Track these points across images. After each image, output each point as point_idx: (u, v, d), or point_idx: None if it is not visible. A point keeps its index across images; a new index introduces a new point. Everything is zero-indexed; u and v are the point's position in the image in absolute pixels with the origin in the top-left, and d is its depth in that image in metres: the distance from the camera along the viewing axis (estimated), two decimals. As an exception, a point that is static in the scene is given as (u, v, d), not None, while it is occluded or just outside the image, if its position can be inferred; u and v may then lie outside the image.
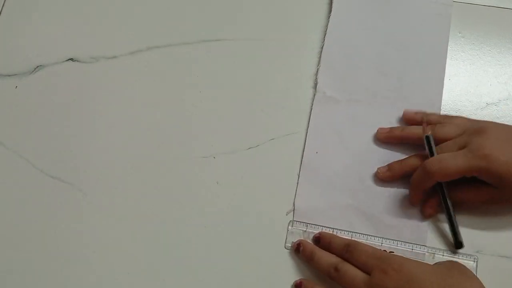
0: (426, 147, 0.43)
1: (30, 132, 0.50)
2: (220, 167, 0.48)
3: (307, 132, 0.48)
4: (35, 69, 0.53)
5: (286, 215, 0.46)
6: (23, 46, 0.54)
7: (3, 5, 0.56)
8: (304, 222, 0.45)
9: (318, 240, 0.45)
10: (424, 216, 0.44)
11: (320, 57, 0.51)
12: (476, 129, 0.42)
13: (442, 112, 0.48)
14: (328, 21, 0.52)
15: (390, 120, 0.48)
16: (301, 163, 0.47)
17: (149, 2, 0.55)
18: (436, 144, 0.43)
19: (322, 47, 0.51)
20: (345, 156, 0.47)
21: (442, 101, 0.48)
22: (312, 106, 0.49)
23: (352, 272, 0.41)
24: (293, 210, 0.46)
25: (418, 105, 0.48)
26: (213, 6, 0.54)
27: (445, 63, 0.49)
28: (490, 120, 0.47)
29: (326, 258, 0.43)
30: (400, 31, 0.51)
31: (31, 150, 0.50)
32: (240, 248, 0.45)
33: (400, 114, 0.48)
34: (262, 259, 0.45)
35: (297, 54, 0.52)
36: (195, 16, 0.54)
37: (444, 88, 0.49)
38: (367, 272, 0.40)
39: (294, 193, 0.46)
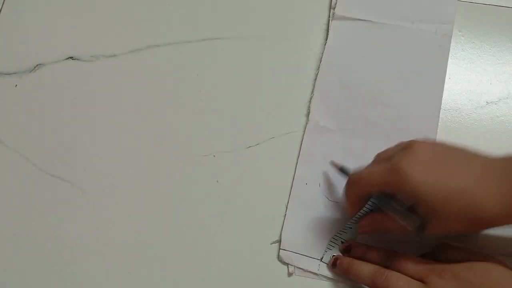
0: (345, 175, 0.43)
1: (30, 131, 0.50)
2: (220, 165, 0.48)
3: (297, 162, 0.47)
4: (35, 67, 0.53)
5: (271, 244, 0.45)
6: (23, 44, 0.54)
7: (3, 3, 0.56)
8: (292, 252, 0.44)
9: (349, 249, 0.43)
10: (360, 233, 0.43)
11: (314, 85, 0.49)
12: (405, 144, 0.40)
13: (442, 112, 0.48)
14: (324, 49, 0.51)
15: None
16: (289, 195, 0.46)
17: (149, 1, 0.55)
18: None
19: (316, 75, 0.50)
20: (337, 188, 0.46)
21: (442, 99, 0.48)
22: (303, 135, 0.48)
23: (403, 278, 0.37)
24: (279, 242, 0.45)
25: (412, 136, 0.44)
26: (213, 4, 0.54)
27: (442, 96, 0.48)
28: (490, 118, 0.47)
29: (367, 266, 0.40)
30: (397, 61, 0.49)
31: (31, 148, 0.50)
32: (240, 247, 0.45)
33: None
34: (262, 257, 0.45)
35: (298, 52, 0.52)
36: (195, 14, 0.54)
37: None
38: (415, 279, 0.37)
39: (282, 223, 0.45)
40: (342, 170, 0.44)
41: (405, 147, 0.39)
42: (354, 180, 0.41)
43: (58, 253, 0.46)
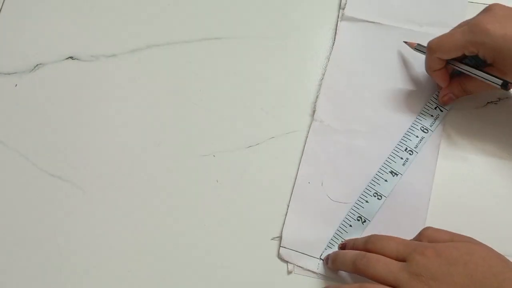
0: (422, 52, 0.46)
1: (29, 131, 0.50)
2: (220, 165, 0.48)
3: (300, 161, 0.47)
4: (34, 67, 0.53)
5: (271, 240, 0.45)
6: (23, 44, 0.54)
7: (3, 3, 0.56)
8: (292, 250, 0.44)
9: (344, 246, 0.43)
10: (442, 103, 0.47)
11: (319, 84, 0.49)
12: (484, 8, 0.42)
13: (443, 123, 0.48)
14: (332, 49, 0.50)
15: (388, 153, 0.46)
16: (291, 193, 0.46)
17: (149, 1, 0.55)
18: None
19: (323, 74, 0.50)
20: (339, 188, 0.46)
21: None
22: (307, 135, 0.48)
23: (383, 259, 0.37)
24: (280, 240, 0.45)
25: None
26: (212, 4, 0.54)
27: None
28: (490, 118, 0.47)
29: (349, 253, 0.40)
30: (404, 64, 0.49)
31: (30, 148, 0.50)
32: (240, 247, 0.45)
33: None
34: (261, 255, 0.45)
35: (298, 52, 0.52)
36: (194, 14, 0.54)
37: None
38: (398, 260, 0.37)
39: (283, 221, 0.46)
40: (418, 48, 0.46)
41: (484, 10, 0.42)
42: (435, 46, 0.43)
43: (58, 253, 0.46)
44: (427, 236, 0.39)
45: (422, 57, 0.47)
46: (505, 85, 0.42)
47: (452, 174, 0.46)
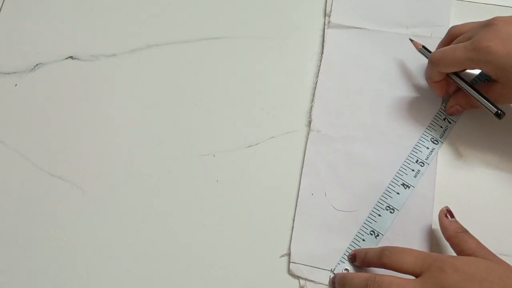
0: (426, 56, 0.46)
1: (29, 130, 0.50)
2: (220, 165, 0.48)
3: (301, 173, 0.47)
4: (34, 67, 0.53)
5: (280, 258, 0.45)
6: (23, 44, 0.54)
7: (3, 3, 0.56)
8: (303, 264, 0.44)
9: (354, 257, 0.43)
10: (449, 114, 0.47)
11: (313, 94, 0.49)
12: (485, 23, 0.41)
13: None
14: (321, 57, 0.50)
15: (387, 157, 0.46)
16: (296, 206, 0.46)
17: (149, 1, 0.55)
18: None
19: (316, 83, 0.50)
20: (342, 197, 0.46)
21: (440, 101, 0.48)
22: (306, 146, 0.48)
23: (396, 282, 0.37)
24: (289, 255, 0.44)
25: (412, 138, 0.47)
26: (212, 4, 0.54)
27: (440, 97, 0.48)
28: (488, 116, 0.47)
29: (359, 277, 0.39)
30: (393, 67, 0.49)
31: (31, 148, 0.50)
32: (240, 247, 0.45)
33: (397, 150, 0.46)
34: (262, 257, 0.45)
35: (298, 51, 0.52)
36: (194, 14, 0.54)
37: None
38: (414, 274, 0.37)
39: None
40: (422, 52, 0.46)
41: (486, 24, 0.41)
42: (437, 59, 0.43)
43: (58, 253, 0.46)
44: (459, 237, 0.39)
45: (412, 61, 0.47)
46: (498, 115, 0.42)
47: (451, 175, 0.46)
